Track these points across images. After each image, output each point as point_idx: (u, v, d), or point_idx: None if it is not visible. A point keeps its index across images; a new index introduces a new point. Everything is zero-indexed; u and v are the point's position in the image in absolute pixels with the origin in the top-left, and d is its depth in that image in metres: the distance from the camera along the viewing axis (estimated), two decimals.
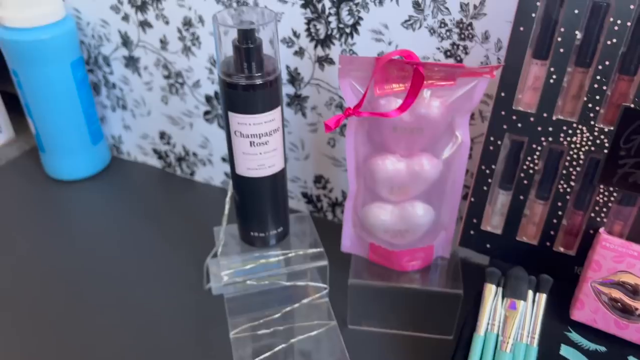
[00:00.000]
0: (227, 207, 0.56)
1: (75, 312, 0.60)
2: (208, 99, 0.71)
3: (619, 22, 0.43)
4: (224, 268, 0.55)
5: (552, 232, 0.52)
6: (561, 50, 0.46)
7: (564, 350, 0.48)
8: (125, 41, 0.71)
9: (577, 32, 0.45)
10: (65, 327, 0.58)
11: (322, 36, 0.59)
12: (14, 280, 0.63)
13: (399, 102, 0.47)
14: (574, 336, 0.50)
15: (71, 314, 0.59)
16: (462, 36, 0.53)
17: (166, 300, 0.61)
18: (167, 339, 0.57)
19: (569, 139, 0.48)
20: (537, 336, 0.47)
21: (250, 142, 0.49)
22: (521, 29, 0.46)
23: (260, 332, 0.54)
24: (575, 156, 0.49)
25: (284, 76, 0.63)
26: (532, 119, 0.49)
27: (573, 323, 0.50)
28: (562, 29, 0.45)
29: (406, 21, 0.54)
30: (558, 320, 0.50)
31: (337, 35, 0.58)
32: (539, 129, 0.49)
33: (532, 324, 0.47)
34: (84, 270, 0.65)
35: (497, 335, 0.47)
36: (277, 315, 0.55)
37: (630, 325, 0.48)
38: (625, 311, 0.47)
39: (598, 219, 0.50)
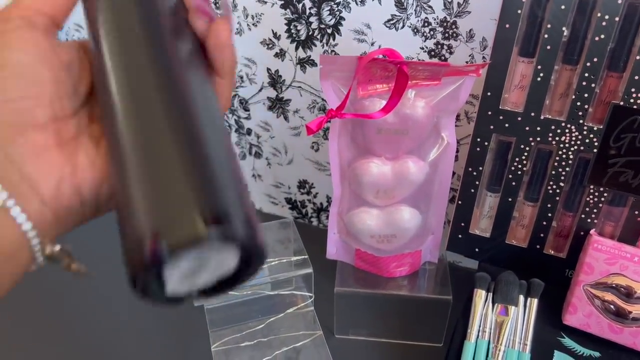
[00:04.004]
0: None
1: (50, 326, 0.57)
2: None
3: (606, 17, 0.42)
4: None
5: (542, 235, 0.51)
6: (548, 47, 0.44)
7: (557, 356, 0.47)
8: None
9: (563, 28, 0.44)
10: (41, 341, 0.55)
11: (303, 37, 0.57)
12: None
13: (383, 103, 0.45)
14: (567, 341, 0.48)
15: (46, 328, 0.57)
16: (447, 35, 0.51)
17: (144, 312, 0.59)
18: (145, 353, 0.54)
19: (557, 138, 0.47)
20: (529, 342, 0.45)
21: None
22: (507, 26, 0.45)
23: (243, 344, 0.52)
24: (564, 156, 0.47)
25: (265, 79, 0.62)
26: (519, 118, 0.47)
27: (566, 328, 0.49)
28: (549, 26, 0.44)
29: (389, 20, 0.53)
30: (550, 325, 0.49)
31: (319, 36, 0.56)
32: (527, 128, 0.47)
33: (524, 330, 0.46)
34: (61, 283, 0.62)
35: (489, 343, 0.46)
36: (260, 326, 0.53)
37: (624, 329, 0.46)
38: (619, 315, 0.46)
39: (589, 220, 0.49)
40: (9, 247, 0.23)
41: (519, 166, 0.49)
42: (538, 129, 0.47)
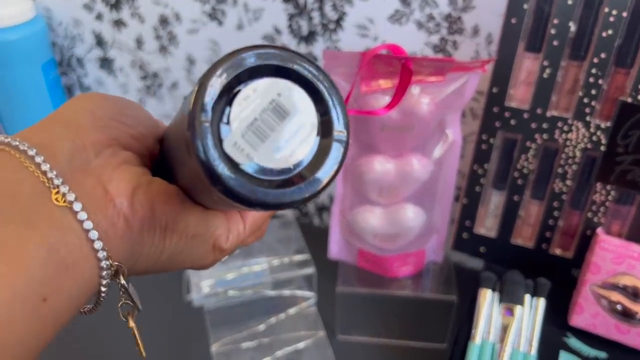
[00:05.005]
0: None
1: None
2: None
3: (614, 12, 0.42)
4: (205, 278, 0.52)
5: (548, 234, 0.50)
6: (555, 42, 0.44)
7: (563, 357, 0.46)
8: (100, 41, 0.68)
9: (570, 23, 0.43)
10: None
11: (305, 33, 0.56)
12: None
13: (387, 99, 0.44)
14: (573, 342, 0.47)
15: None
16: (451, 30, 0.51)
17: (143, 313, 0.58)
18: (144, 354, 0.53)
19: (564, 135, 0.46)
20: (535, 343, 0.45)
21: None
22: (513, 21, 0.44)
23: (243, 345, 0.51)
24: (570, 154, 0.47)
25: None
26: (525, 115, 0.47)
27: (572, 328, 0.48)
28: (556, 21, 0.43)
29: (392, 15, 0.52)
30: (556, 326, 0.48)
31: (321, 32, 0.55)
32: (533, 125, 0.47)
33: (530, 330, 0.45)
34: None
35: (494, 344, 0.45)
36: (261, 327, 0.52)
37: (631, 329, 0.46)
38: (626, 315, 0.45)
39: (595, 219, 0.48)
40: (71, 254, 0.21)
41: (525, 164, 0.48)
42: (544, 126, 0.46)
